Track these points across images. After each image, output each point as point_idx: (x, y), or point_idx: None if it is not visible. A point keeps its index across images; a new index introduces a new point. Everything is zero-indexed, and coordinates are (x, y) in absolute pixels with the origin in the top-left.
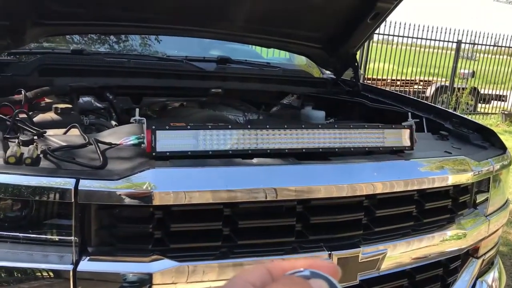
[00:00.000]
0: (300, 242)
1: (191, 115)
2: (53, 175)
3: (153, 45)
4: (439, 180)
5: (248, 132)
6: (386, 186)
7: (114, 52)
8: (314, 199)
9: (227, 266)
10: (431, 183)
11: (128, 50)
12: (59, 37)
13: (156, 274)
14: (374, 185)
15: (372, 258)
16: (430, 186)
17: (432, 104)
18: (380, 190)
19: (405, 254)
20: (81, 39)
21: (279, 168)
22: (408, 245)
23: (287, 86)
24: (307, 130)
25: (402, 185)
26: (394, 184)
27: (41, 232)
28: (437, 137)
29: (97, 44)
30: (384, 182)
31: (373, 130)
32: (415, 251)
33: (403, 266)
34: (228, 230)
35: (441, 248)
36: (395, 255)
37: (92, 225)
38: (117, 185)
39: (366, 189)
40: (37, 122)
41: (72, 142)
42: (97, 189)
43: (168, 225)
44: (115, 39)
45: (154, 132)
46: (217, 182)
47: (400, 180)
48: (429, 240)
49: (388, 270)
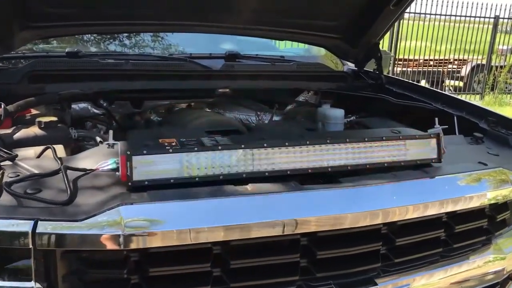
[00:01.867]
0: (306, 280)
1: (194, 120)
2: (7, 217)
3: (155, 43)
4: (472, 199)
5: (242, 152)
6: (408, 211)
7: (112, 53)
8: (321, 231)
9: None
10: (462, 203)
11: (127, 49)
12: (55, 39)
13: None
14: (393, 211)
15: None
16: (462, 207)
17: (464, 100)
18: (401, 216)
19: (433, 286)
20: (77, 40)
21: (279, 197)
22: (435, 276)
23: (303, 82)
24: (314, 147)
25: (427, 209)
26: (418, 208)
27: (0, 279)
28: (470, 140)
29: (94, 45)
30: (406, 206)
31: (393, 142)
32: (445, 281)
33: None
34: (219, 271)
35: (476, 275)
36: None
37: (59, 271)
38: (81, 226)
39: (384, 216)
40: (18, 139)
41: (45, 168)
42: (58, 231)
43: (146, 269)
44: (113, 39)
45: (129, 158)
46: (204, 218)
47: (425, 203)
48: (461, 267)
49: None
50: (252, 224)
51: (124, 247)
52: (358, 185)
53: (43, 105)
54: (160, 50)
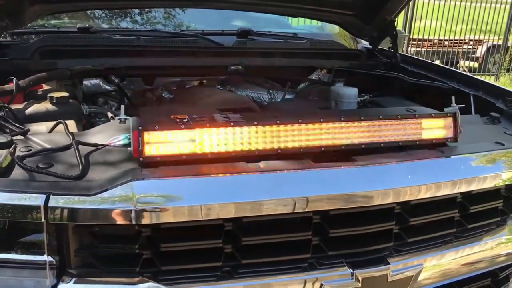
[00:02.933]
0: (318, 258)
1: (206, 98)
2: (20, 190)
3: (166, 20)
4: (487, 179)
5: (254, 129)
6: (421, 191)
7: (123, 28)
8: (334, 209)
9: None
10: (478, 183)
11: (139, 25)
12: (66, 15)
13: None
14: (407, 190)
15: (405, 275)
16: (477, 187)
17: (481, 79)
18: (414, 196)
19: (445, 266)
20: (88, 17)
21: (291, 174)
22: (449, 256)
23: (316, 60)
24: (327, 124)
25: (441, 188)
26: (432, 188)
27: (13, 253)
28: (486, 120)
29: (105, 21)
30: (420, 186)
31: (408, 121)
32: (458, 261)
33: (443, 280)
34: (231, 248)
35: (489, 256)
36: (433, 269)
37: (71, 245)
38: (93, 201)
39: (398, 195)
40: (30, 114)
41: (56, 143)
42: (70, 206)
43: (158, 244)
44: (124, 16)
45: (141, 134)
46: (216, 194)
47: (439, 183)
48: (474, 248)
49: (425, 286)
50: (263, 201)
51: (136, 222)
52: (372, 163)
53: (55, 80)
54: (172, 27)
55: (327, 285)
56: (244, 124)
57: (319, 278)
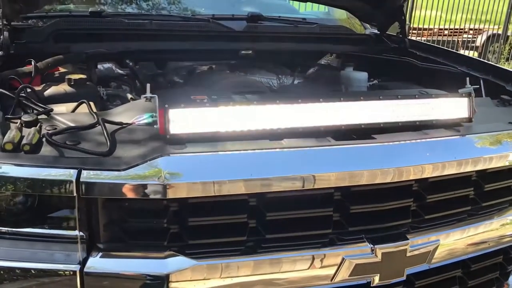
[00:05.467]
0: (339, 234)
1: (219, 81)
2: (52, 165)
3: (178, 3)
4: (502, 158)
5: (277, 107)
6: (439, 168)
7: (135, 13)
8: (355, 186)
9: (254, 263)
10: (492, 162)
11: (150, 9)
12: None
13: (172, 274)
14: (425, 168)
15: (422, 250)
16: (492, 165)
17: (490, 63)
18: (432, 173)
19: (460, 243)
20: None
21: (314, 151)
22: (464, 233)
23: (325, 44)
24: (347, 103)
25: (458, 166)
26: (449, 165)
27: (44, 228)
28: (497, 103)
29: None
30: (438, 163)
31: (425, 100)
32: (472, 238)
33: (458, 256)
34: (255, 223)
35: (502, 235)
36: (449, 245)
37: (100, 219)
38: (123, 176)
39: (416, 173)
40: (49, 95)
41: (80, 122)
42: (102, 180)
43: (185, 219)
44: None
45: (166, 112)
46: (241, 170)
47: (457, 160)
48: (488, 226)
49: (441, 262)
50: (287, 176)
51: (164, 196)
52: (391, 141)
53: (71, 63)
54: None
55: (348, 259)
56: (266, 102)
57: (340, 253)
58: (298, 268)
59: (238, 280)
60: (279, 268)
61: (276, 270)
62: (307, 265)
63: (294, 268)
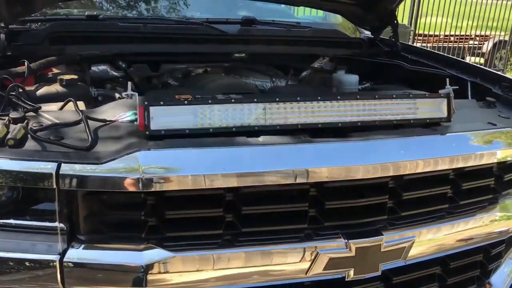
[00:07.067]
0: (314, 229)
1: (210, 83)
2: (33, 159)
3: (172, 7)
4: (478, 157)
5: (254, 106)
6: (414, 166)
7: (130, 16)
8: (330, 181)
9: (230, 256)
10: (469, 160)
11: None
12: (75, 3)
13: (149, 265)
14: (400, 165)
15: (397, 246)
16: (468, 164)
17: (479, 66)
18: (408, 170)
19: (437, 240)
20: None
21: (288, 148)
22: (440, 231)
23: (318, 48)
24: (325, 103)
25: (434, 164)
26: (425, 163)
27: (27, 219)
28: (482, 104)
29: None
30: (412, 161)
31: (403, 100)
32: (450, 236)
33: (435, 253)
34: (231, 217)
35: (481, 233)
36: (425, 242)
37: (80, 212)
38: (101, 169)
39: (391, 170)
40: (41, 95)
41: (66, 120)
42: (80, 173)
43: (163, 212)
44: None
45: (147, 109)
46: (217, 165)
47: (432, 158)
48: (466, 224)
49: (417, 258)
50: (262, 172)
51: (142, 189)
52: (367, 139)
53: (64, 64)
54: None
55: (322, 253)
56: (244, 101)
57: (315, 247)
58: (273, 261)
59: (214, 273)
60: (255, 261)
61: (252, 264)
62: (283, 258)
63: (269, 262)
